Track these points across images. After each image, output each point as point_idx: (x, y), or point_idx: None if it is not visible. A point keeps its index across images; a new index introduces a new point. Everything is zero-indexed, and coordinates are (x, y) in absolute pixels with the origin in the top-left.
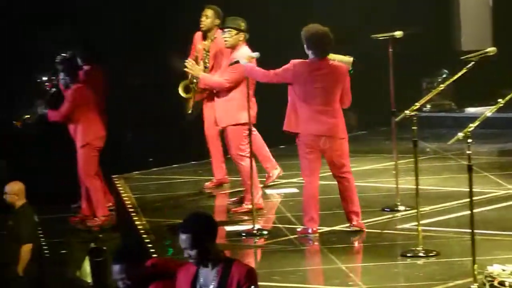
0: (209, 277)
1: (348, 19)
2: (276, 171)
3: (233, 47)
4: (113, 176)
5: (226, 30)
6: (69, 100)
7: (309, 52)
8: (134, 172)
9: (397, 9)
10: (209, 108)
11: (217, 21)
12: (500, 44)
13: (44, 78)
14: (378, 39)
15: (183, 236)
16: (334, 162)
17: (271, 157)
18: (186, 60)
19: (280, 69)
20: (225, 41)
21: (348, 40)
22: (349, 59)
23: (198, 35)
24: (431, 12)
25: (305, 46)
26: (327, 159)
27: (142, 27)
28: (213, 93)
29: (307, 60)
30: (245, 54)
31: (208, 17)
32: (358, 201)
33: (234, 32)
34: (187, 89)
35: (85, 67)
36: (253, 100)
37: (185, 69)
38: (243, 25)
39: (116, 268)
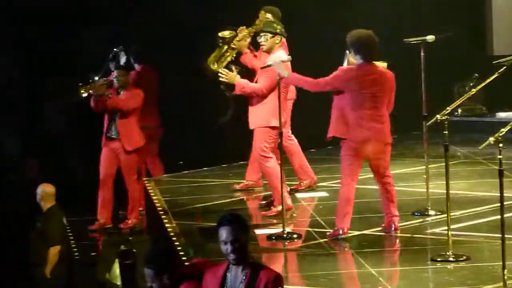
0: (236, 280)
1: (381, 22)
2: (307, 181)
3: (269, 51)
4: (144, 179)
5: (262, 34)
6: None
7: (357, 57)
8: (165, 175)
9: (429, 13)
10: None
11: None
12: None
13: (96, 78)
14: (410, 43)
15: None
16: (379, 167)
17: (307, 166)
18: (220, 70)
19: (330, 77)
20: (262, 45)
21: (381, 44)
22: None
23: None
24: (463, 17)
25: (352, 51)
26: (372, 164)
27: (181, 27)
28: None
29: (355, 66)
30: (278, 58)
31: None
32: None
33: (270, 35)
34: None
35: (138, 67)
36: (286, 104)
37: (220, 79)
38: (279, 28)
39: (147, 271)
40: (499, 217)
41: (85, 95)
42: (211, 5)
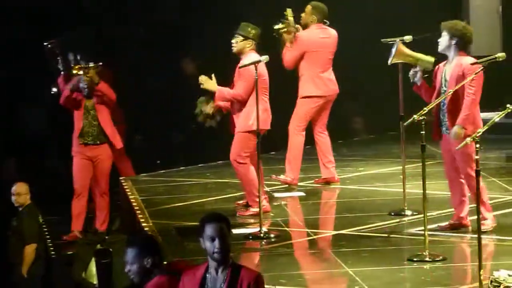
0: (217, 281)
1: (360, 23)
2: (288, 178)
3: (239, 54)
4: (120, 178)
5: (235, 35)
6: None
7: (458, 50)
8: (142, 174)
9: (407, 14)
10: None
11: (312, 18)
12: (509, 49)
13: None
14: (388, 43)
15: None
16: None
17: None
18: (199, 78)
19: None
20: (232, 46)
21: (359, 44)
22: (430, 58)
23: None
24: (442, 18)
25: (454, 43)
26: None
27: (160, 28)
28: None
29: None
30: (251, 59)
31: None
32: None
33: (241, 38)
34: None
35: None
36: (266, 105)
37: (201, 86)
38: (252, 32)
39: (128, 251)
40: (475, 217)
41: (78, 73)
42: (192, 5)
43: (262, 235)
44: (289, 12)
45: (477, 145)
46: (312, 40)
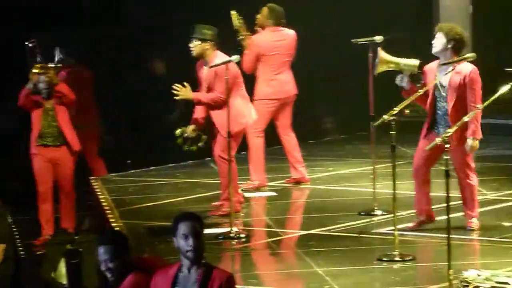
0: (189, 281)
1: (331, 23)
2: (256, 183)
3: (200, 57)
4: (91, 178)
5: (191, 39)
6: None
7: (453, 53)
8: (112, 174)
9: (378, 15)
10: None
11: (269, 22)
12: (479, 49)
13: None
14: (358, 44)
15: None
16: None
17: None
18: (174, 86)
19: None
20: (191, 50)
21: (330, 44)
22: (415, 62)
23: None
24: (412, 18)
25: (450, 46)
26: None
27: (131, 29)
28: None
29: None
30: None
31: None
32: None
33: (198, 42)
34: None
35: (70, 67)
36: (247, 98)
37: (175, 97)
38: (209, 33)
39: (102, 249)
40: (445, 217)
41: (37, 75)
42: (165, 4)
43: (232, 235)
44: (234, 16)
45: (447, 145)
46: (265, 43)
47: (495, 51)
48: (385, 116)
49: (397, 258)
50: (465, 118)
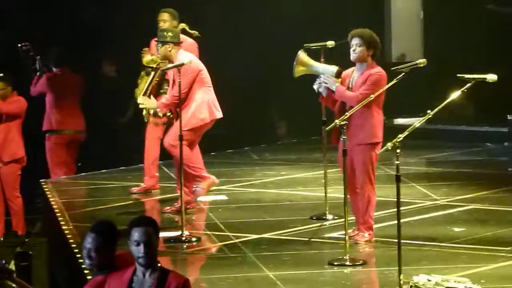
0: (144, 286)
1: (284, 28)
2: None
3: (166, 59)
4: (41, 180)
5: (157, 45)
6: None
7: (370, 57)
8: (62, 177)
9: (329, 19)
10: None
11: (175, 23)
12: (430, 55)
13: None
14: (311, 48)
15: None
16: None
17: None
18: (138, 101)
19: (371, 84)
20: (158, 56)
21: (283, 49)
22: (334, 68)
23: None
24: (363, 23)
25: (371, 49)
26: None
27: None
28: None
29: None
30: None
31: (166, 21)
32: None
33: (160, 45)
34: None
35: (56, 70)
36: (213, 95)
37: (140, 106)
38: (169, 35)
39: (88, 236)
40: (395, 222)
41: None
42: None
43: (184, 238)
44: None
45: (398, 151)
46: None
47: (445, 56)
48: (337, 121)
49: (348, 263)
50: (417, 124)
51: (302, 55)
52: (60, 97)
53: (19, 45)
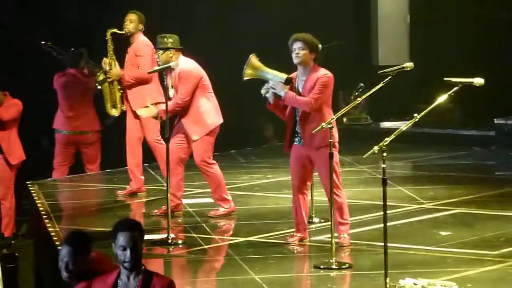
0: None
1: (271, 31)
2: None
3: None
4: (27, 182)
5: (156, 51)
6: None
7: (312, 60)
8: (49, 179)
9: (315, 22)
10: (131, 116)
11: (140, 26)
12: (416, 58)
13: None
14: None
15: (65, 249)
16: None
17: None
18: (138, 113)
19: (321, 87)
20: (157, 62)
21: (270, 52)
22: (283, 75)
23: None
24: (350, 26)
25: (313, 53)
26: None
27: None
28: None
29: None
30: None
31: (132, 21)
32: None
33: (161, 52)
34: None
35: (72, 71)
36: (215, 102)
37: (142, 117)
38: (170, 41)
39: (64, 250)
40: (382, 225)
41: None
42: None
43: (169, 241)
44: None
45: (384, 154)
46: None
47: (432, 60)
48: (323, 124)
49: (334, 266)
50: (403, 127)
51: (253, 59)
52: (71, 96)
53: (42, 42)
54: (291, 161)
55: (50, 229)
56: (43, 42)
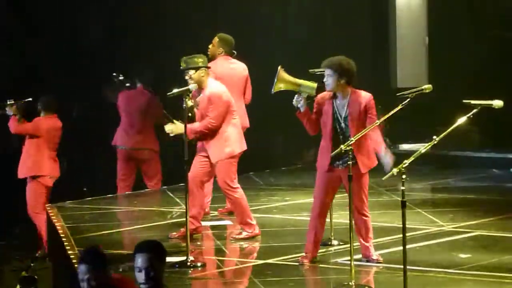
0: None
1: (288, 53)
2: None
3: (199, 85)
4: (47, 205)
5: (185, 73)
6: None
7: (346, 83)
8: (68, 202)
9: (333, 44)
10: None
11: (220, 50)
12: (435, 80)
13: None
14: (316, 74)
15: (84, 267)
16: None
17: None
18: (166, 130)
19: (373, 109)
20: (189, 83)
21: (289, 73)
22: (313, 84)
23: None
24: (369, 49)
25: (344, 81)
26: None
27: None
28: None
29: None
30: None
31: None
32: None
33: (193, 72)
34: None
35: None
36: (239, 127)
37: (170, 135)
38: (200, 61)
39: (82, 268)
40: (401, 248)
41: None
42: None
43: (188, 263)
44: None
45: (404, 176)
46: (220, 67)
47: (450, 82)
48: (342, 146)
49: None
50: (422, 150)
51: (282, 71)
52: (130, 113)
53: (114, 74)
54: (322, 181)
55: (69, 252)
56: (114, 74)
